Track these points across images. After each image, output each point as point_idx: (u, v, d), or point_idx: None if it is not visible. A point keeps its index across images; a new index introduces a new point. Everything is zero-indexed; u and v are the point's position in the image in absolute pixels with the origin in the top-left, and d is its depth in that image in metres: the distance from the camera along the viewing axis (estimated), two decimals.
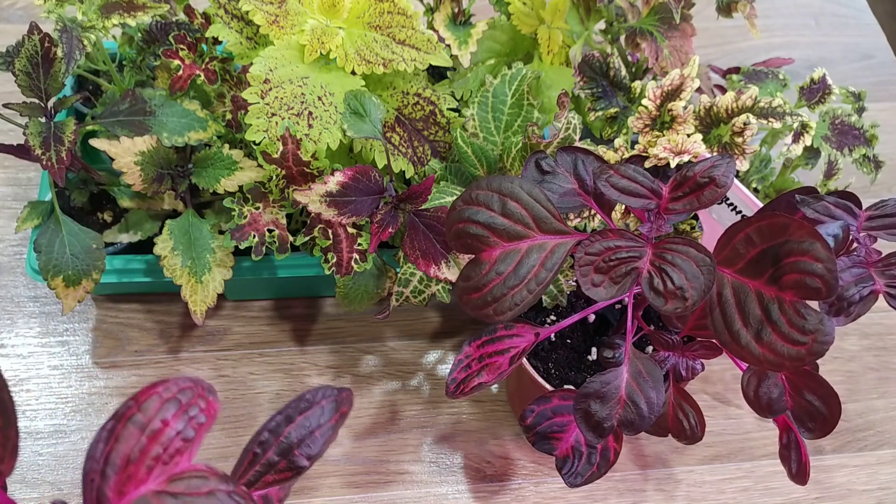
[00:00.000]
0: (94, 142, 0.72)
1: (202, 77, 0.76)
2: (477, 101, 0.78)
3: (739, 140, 0.70)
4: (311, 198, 0.68)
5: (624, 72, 0.81)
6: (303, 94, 0.72)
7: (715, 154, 0.70)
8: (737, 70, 0.92)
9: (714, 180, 0.56)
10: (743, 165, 0.70)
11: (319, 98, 0.72)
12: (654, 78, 0.80)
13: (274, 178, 0.72)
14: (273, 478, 0.46)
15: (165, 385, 0.37)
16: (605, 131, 0.82)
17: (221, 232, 0.78)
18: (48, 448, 0.80)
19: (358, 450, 0.83)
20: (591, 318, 0.80)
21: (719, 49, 1.21)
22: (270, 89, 0.71)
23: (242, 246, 0.72)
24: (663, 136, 0.70)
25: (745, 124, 0.70)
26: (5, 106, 0.71)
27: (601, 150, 0.71)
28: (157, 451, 0.36)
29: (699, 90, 0.86)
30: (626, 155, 0.70)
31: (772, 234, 0.50)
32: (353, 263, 0.72)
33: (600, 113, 0.80)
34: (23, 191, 0.96)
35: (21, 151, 0.72)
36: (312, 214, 0.70)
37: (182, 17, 0.80)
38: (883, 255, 0.58)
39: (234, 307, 0.90)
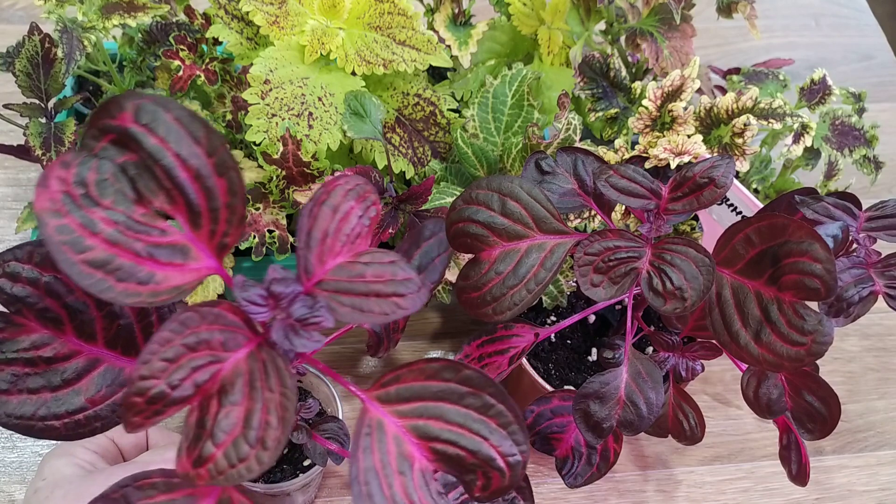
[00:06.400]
0: None
1: (202, 78, 0.76)
2: (477, 102, 0.78)
3: (740, 141, 0.70)
4: None
5: (624, 72, 0.81)
6: (303, 94, 0.72)
7: (715, 155, 0.70)
8: (737, 71, 0.92)
9: (713, 181, 0.56)
10: (743, 166, 0.70)
11: (320, 99, 0.72)
12: (654, 79, 0.80)
13: (274, 178, 0.72)
14: None
15: (346, 178, 0.44)
16: (605, 132, 0.82)
17: None
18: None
19: None
20: (592, 318, 0.80)
21: (719, 50, 1.21)
22: (271, 90, 0.71)
23: (243, 246, 0.72)
24: (663, 136, 0.70)
25: (745, 125, 0.70)
26: (5, 106, 0.71)
27: (601, 150, 0.71)
28: (347, 231, 0.43)
29: (699, 91, 0.86)
30: (627, 156, 0.70)
31: (771, 235, 0.50)
32: None
33: (600, 113, 0.80)
34: (23, 191, 0.96)
35: (21, 152, 0.72)
36: None
37: (182, 17, 0.80)
38: (882, 256, 0.58)
39: None
